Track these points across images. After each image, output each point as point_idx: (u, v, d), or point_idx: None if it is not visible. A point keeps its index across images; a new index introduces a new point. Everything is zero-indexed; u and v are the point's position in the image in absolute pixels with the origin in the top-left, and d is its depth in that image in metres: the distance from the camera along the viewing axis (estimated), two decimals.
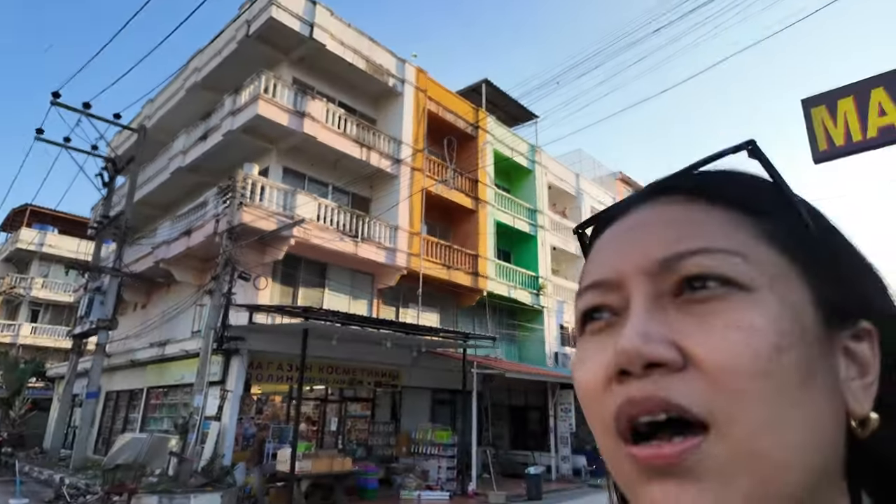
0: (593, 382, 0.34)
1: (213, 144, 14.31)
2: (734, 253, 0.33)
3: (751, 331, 0.31)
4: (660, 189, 0.39)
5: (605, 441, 0.34)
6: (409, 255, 15.07)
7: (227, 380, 11.49)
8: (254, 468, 11.03)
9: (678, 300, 0.33)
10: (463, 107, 18.58)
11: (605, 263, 0.37)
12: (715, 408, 0.30)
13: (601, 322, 0.37)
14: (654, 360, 0.31)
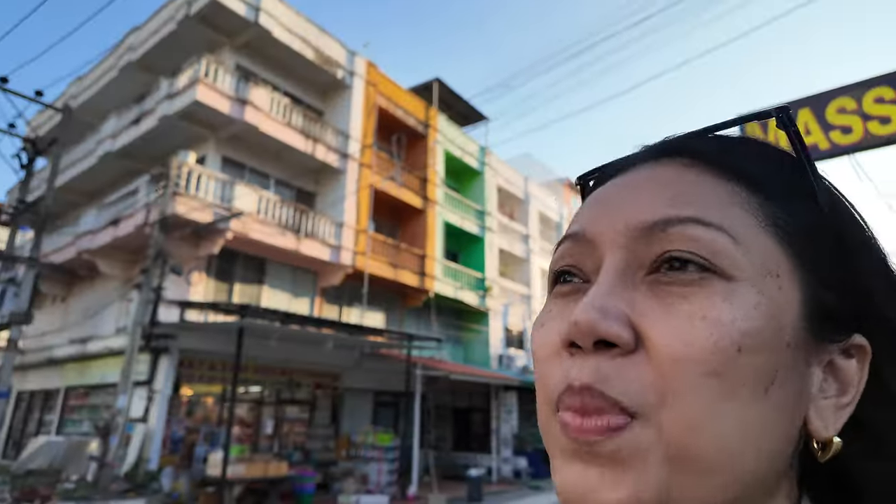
0: (546, 348, 0.32)
1: (147, 129, 13.47)
2: (725, 231, 0.30)
3: (715, 324, 0.28)
4: (666, 149, 0.35)
5: (542, 407, 0.32)
6: (354, 253, 14.70)
7: (154, 380, 10.80)
8: (182, 473, 10.42)
9: (650, 277, 0.31)
10: (414, 104, 18.36)
11: (586, 218, 0.34)
12: (651, 398, 0.28)
13: (570, 286, 0.34)
14: (605, 337, 0.29)
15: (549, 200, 25.34)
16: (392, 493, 12.36)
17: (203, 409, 11.98)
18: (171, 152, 13.10)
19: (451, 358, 18.20)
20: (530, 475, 16.30)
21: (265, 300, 13.19)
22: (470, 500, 12.49)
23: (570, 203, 27.58)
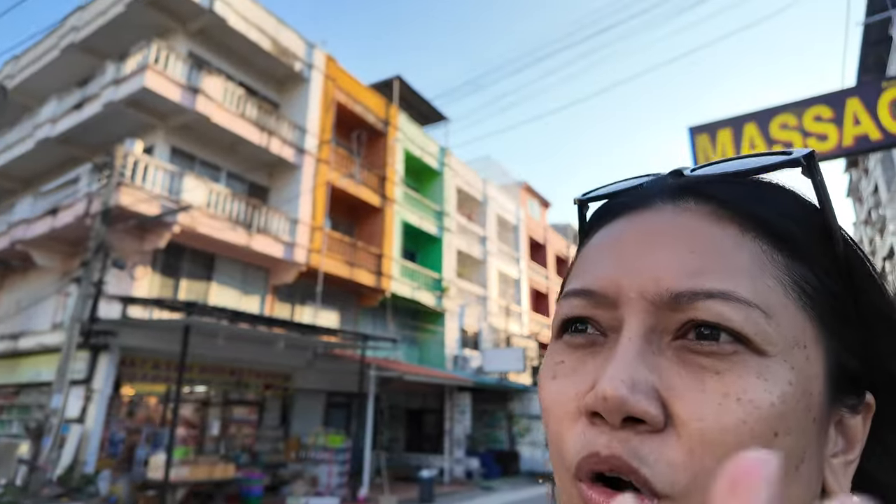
0: (562, 406, 0.30)
1: (91, 115, 12.79)
2: (758, 307, 0.28)
3: (751, 407, 0.26)
4: (689, 190, 0.32)
5: (559, 472, 0.31)
6: (309, 250, 14.41)
7: (93, 378, 10.27)
8: (121, 476, 9.95)
9: (676, 343, 0.29)
10: (374, 100, 18.17)
11: (603, 271, 0.32)
12: (681, 479, 0.26)
13: (583, 337, 0.32)
14: (634, 414, 0.27)
15: (507, 203, 25.60)
16: (342, 494, 12.19)
17: (145, 409, 11.47)
18: (117, 140, 12.49)
19: (406, 358, 18.12)
20: (482, 475, 16.42)
21: (213, 297, 12.76)
22: (421, 501, 12.47)
23: (526, 206, 27.96)
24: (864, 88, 8.29)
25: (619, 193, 0.36)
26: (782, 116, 8.38)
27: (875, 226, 18.15)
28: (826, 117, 8.25)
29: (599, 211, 0.37)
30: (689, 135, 8.68)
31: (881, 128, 7.90)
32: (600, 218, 0.36)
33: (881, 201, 17.08)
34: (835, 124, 8.16)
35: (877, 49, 13.95)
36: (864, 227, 20.09)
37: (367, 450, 13.09)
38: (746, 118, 8.78)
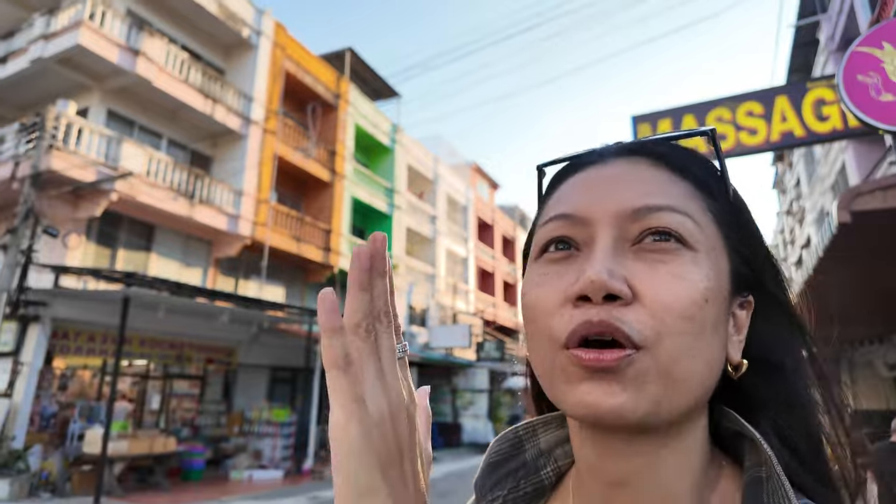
0: (550, 301, 0.39)
1: (16, 71, 11.91)
2: (690, 217, 0.40)
3: (689, 282, 0.38)
4: (637, 148, 0.44)
5: (547, 347, 0.39)
6: (254, 223, 14.11)
7: (21, 351, 9.77)
8: (53, 451, 9.61)
9: (635, 247, 0.39)
10: (324, 72, 17.77)
11: (577, 201, 0.42)
12: (649, 334, 0.36)
13: (562, 252, 0.41)
14: (613, 292, 0.37)
15: (457, 182, 25.78)
16: (287, 468, 12.26)
17: (79, 383, 11.05)
18: (47, 100, 11.73)
19: None
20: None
21: (153, 269, 12.34)
22: None
23: (476, 187, 28.25)
24: (791, 88, 8.91)
25: (578, 156, 0.46)
26: (718, 110, 8.86)
27: (795, 216, 19.57)
28: (757, 113, 8.78)
29: (563, 171, 0.47)
30: (632, 123, 9.08)
31: (804, 125, 8.51)
32: (564, 174, 0.46)
33: (802, 193, 18.42)
34: (764, 120, 8.71)
35: (805, 51, 14.89)
36: (786, 216, 21.62)
37: (313, 424, 13.16)
38: (685, 110, 9.25)
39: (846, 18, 11.27)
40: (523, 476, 0.50)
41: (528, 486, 0.49)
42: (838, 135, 8.42)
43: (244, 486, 10.68)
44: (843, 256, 5.41)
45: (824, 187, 14.92)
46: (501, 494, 0.49)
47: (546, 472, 0.50)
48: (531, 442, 0.51)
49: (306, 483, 11.35)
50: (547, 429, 0.51)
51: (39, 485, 9.08)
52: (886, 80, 4.25)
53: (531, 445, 0.51)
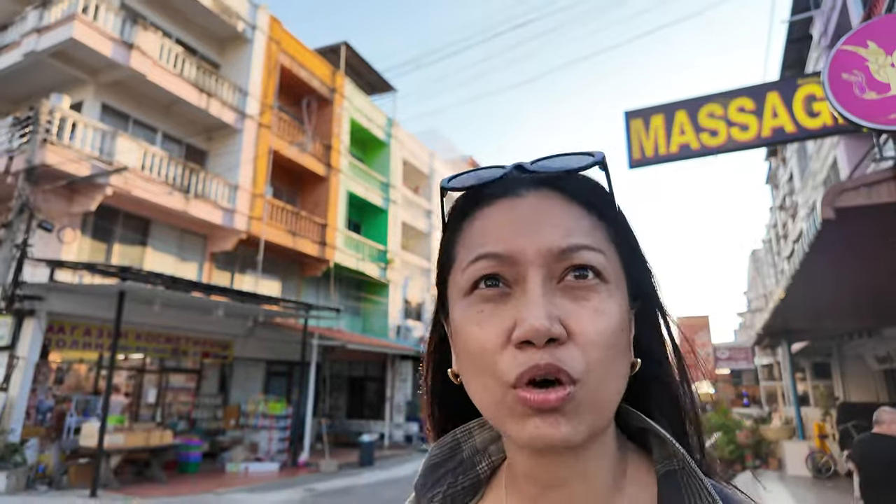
0: (491, 343, 0.42)
1: (9, 65, 11.87)
2: (602, 252, 0.44)
3: (608, 316, 0.42)
4: (547, 182, 0.47)
5: (493, 385, 0.42)
6: (249, 218, 14.13)
7: (17, 345, 9.80)
8: (50, 445, 9.68)
9: (561, 284, 0.43)
10: (320, 66, 17.75)
11: (504, 239, 0.44)
12: (582, 369, 0.41)
13: (494, 290, 0.44)
14: (554, 336, 0.40)
15: None
16: (283, 460, 12.35)
17: (75, 377, 11.11)
18: (41, 94, 11.73)
19: (350, 328, 18.24)
20: (421, 439, 16.96)
21: (149, 263, 12.37)
22: (361, 464, 12.82)
23: None
24: (782, 84, 8.96)
25: (486, 185, 0.48)
26: (710, 106, 8.90)
27: (788, 211, 19.70)
28: (748, 108, 8.82)
29: (475, 196, 0.49)
30: (625, 119, 9.14)
31: (795, 121, 8.57)
32: (478, 201, 0.48)
33: (795, 189, 18.55)
34: (756, 116, 8.75)
35: (798, 46, 14.94)
36: (779, 211, 21.75)
37: (309, 416, 13.25)
38: (678, 105, 9.30)
39: (839, 14, 11.33)
40: (461, 472, 0.54)
41: (466, 482, 0.53)
42: (828, 131, 8.49)
43: (241, 479, 10.78)
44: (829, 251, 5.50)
45: (816, 182, 15.03)
46: (441, 491, 0.53)
47: (482, 466, 0.54)
48: (468, 443, 0.55)
49: (302, 475, 11.45)
50: (482, 430, 0.55)
51: (36, 477, 9.15)
52: (870, 79, 4.32)
53: (467, 446, 0.55)
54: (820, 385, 16.61)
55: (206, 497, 8.99)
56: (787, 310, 9.23)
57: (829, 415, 11.99)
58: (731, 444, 12.00)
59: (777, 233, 22.75)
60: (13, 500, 8.11)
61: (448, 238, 0.51)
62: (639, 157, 9.26)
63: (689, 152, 8.98)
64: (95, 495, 8.55)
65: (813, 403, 15.67)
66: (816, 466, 10.33)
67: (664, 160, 9.17)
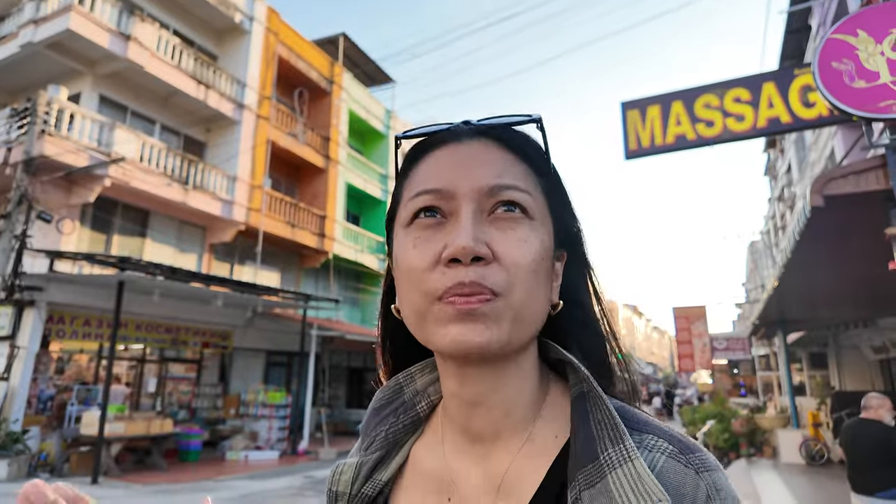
0: (425, 262, 0.47)
1: (7, 56, 11.88)
2: (529, 193, 0.50)
3: (530, 244, 0.48)
4: (485, 131, 0.53)
5: (420, 301, 0.48)
6: (248, 209, 14.18)
7: (17, 335, 9.89)
8: (52, 433, 9.79)
9: (490, 217, 0.49)
10: (318, 58, 17.72)
11: (442, 177, 0.50)
12: (505, 285, 0.46)
13: (431, 219, 0.49)
14: (479, 255, 0.45)
15: None
16: (283, 448, 12.47)
17: (76, 367, 11.21)
18: (38, 85, 11.74)
19: (349, 319, 18.33)
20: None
21: (148, 254, 12.43)
22: None
23: None
24: (779, 74, 8.96)
25: (436, 133, 0.54)
26: (706, 97, 8.90)
27: (786, 202, 19.72)
28: (744, 99, 8.82)
29: (422, 144, 0.55)
30: (622, 109, 9.15)
31: (791, 112, 8.57)
32: (425, 149, 0.54)
33: (793, 180, 18.56)
34: (751, 106, 8.75)
35: (797, 37, 14.90)
36: (777, 203, 21.77)
37: (308, 406, 13.36)
38: (674, 96, 9.29)
39: (836, 4, 11.30)
40: (402, 412, 0.58)
41: (406, 420, 0.58)
42: (824, 121, 8.50)
43: (241, 467, 10.90)
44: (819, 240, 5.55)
45: (814, 173, 15.04)
46: (384, 429, 0.57)
47: (421, 406, 0.58)
48: (409, 386, 0.59)
49: (302, 463, 11.57)
50: (423, 373, 0.60)
51: (38, 465, 9.26)
52: (860, 68, 4.35)
53: (409, 388, 0.59)
54: (816, 375, 16.71)
55: (207, 484, 9.10)
56: (781, 299, 9.29)
57: (824, 404, 12.09)
58: (726, 432, 12.11)
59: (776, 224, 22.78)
60: (15, 488, 8.19)
61: (398, 183, 0.56)
62: (635, 147, 9.27)
63: (686, 143, 8.99)
64: (97, 482, 8.67)
65: (809, 393, 15.78)
66: (810, 454, 10.44)
67: (661, 151, 9.18)
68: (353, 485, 0.55)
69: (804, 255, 6.21)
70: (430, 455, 0.56)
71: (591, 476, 0.44)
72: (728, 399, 18.40)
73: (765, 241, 25.06)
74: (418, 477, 0.55)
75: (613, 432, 0.45)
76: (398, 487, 0.56)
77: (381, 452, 0.56)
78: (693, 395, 33.43)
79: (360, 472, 0.55)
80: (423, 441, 0.58)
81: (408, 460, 0.57)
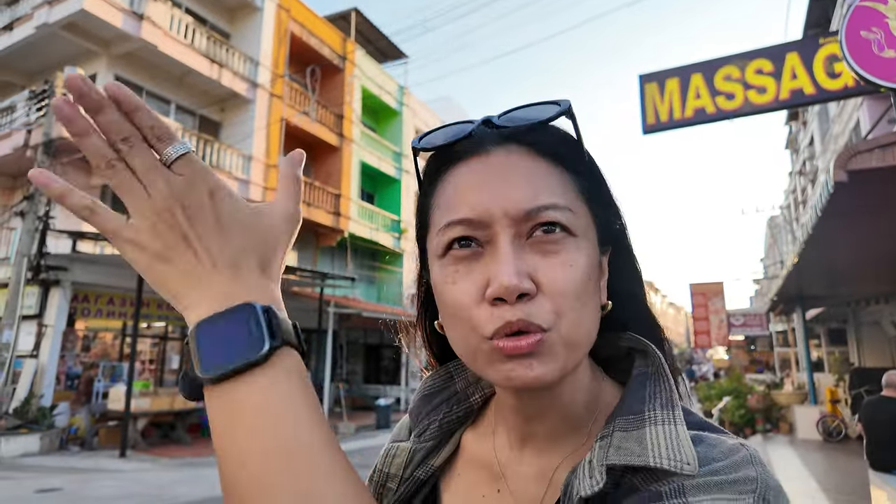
0: (468, 299, 0.45)
1: (22, 38, 11.95)
2: (570, 209, 0.46)
3: (576, 268, 0.44)
4: (512, 137, 0.48)
5: (470, 336, 0.45)
6: (264, 189, 14.26)
7: (44, 314, 10.18)
8: (80, 408, 10.13)
9: (529, 241, 0.45)
10: (330, 34, 17.54)
11: (474, 203, 0.46)
12: (552, 318, 0.43)
13: (468, 250, 0.46)
14: (524, 292, 0.42)
15: None
16: None
17: (101, 344, 11.52)
18: (55, 67, 11.82)
19: (365, 297, 18.50)
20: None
21: None
22: (378, 426, 13.20)
23: None
24: (803, 43, 8.66)
25: (454, 143, 0.49)
26: (726, 68, 8.66)
27: (808, 176, 19.31)
28: (766, 70, 8.56)
29: (444, 156, 0.50)
30: (639, 82, 8.95)
31: (815, 83, 8.30)
32: (446, 162, 0.50)
33: (815, 153, 18.13)
34: (774, 78, 8.49)
35: (822, 4, 14.40)
36: (798, 177, 21.32)
37: (327, 382, 13.60)
38: (694, 68, 9.05)
39: None
40: (455, 403, 0.58)
41: (460, 411, 0.57)
42: (849, 92, 8.24)
43: None
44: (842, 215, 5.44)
45: (838, 146, 14.66)
46: (437, 418, 0.57)
47: (475, 398, 0.58)
48: (460, 375, 0.59)
49: None
50: None
51: (69, 439, 9.61)
52: (890, 36, 4.20)
53: (460, 378, 0.59)
54: (835, 351, 16.56)
55: None
56: (800, 275, 9.17)
57: (842, 380, 12.01)
58: (742, 408, 12.10)
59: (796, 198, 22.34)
60: (49, 460, 8.55)
61: (422, 199, 0.52)
62: (653, 122, 9.10)
63: (705, 116, 8.79)
64: (125, 455, 8.98)
65: (827, 370, 15.67)
66: (827, 430, 10.41)
67: (679, 125, 9.00)
68: (406, 469, 0.56)
69: (826, 231, 6.10)
70: (481, 446, 0.56)
71: (630, 423, 0.45)
72: (744, 375, 18.34)
73: (785, 215, 24.63)
74: (469, 465, 0.56)
75: (667, 399, 0.46)
76: (448, 473, 0.57)
77: (435, 441, 0.57)
78: (709, 371, 33.38)
79: (413, 457, 0.56)
80: (475, 431, 0.58)
81: (458, 448, 0.58)
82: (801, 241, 6.86)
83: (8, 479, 7.22)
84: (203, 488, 7.07)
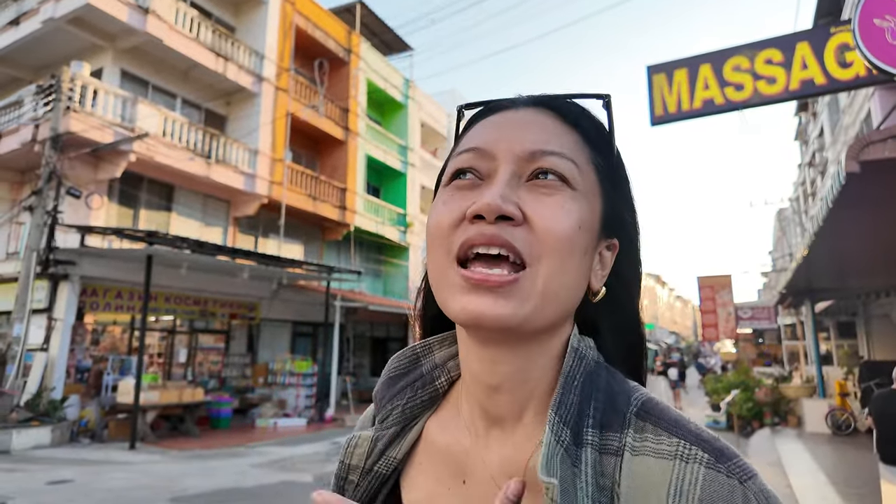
0: (450, 219, 0.46)
1: (28, 33, 11.98)
2: (575, 163, 0.47)
3: (567, 211, 0.45)
4: (542, 101, 0.52)
5: (441, 261, 0.46)
6: (270, 182, 14.27)
7: (54, 308, 10.26)
8: (90, 401, 10.22)
9: (528, 183, 0.46)
10: (335, 27, 17.48)
11: (487, 137, 0.48)
12: (534, 253, 0.43)
13: (468, 180, 0.47)
14: (506, 213, 0.43)
15: None
16: (310, 416, 12.82)
17: (110, 337, 11.60)
18: (61, 62, 11.83)
19: (371, 290, 18.54)
20: None
21: (174, 228, 12.65)
22: None
23: None
24: (814, 33, 8.54)
25: (496, 102, 0.53)
26: (736, 59, 8.56)
27: (817, 168, 19.10)
28: (776, 60, 8.46)
29: (481, 112, 0.54)
30: (647, 73, 8.87)
31: (826, 73, 8.19)
32: (482, 115, 0.53)
33: (825, 144, 17.92)
34: (784, 68, 8.39)
35: None
36: (807, 168, 21.09)
37: (334, 375, 13.66)
38: (702, 59, 8.95)
39: None
40: (420, 386, 0.55)
41: (425, 395, 0.55)
42: (861, 82, 8.12)
43: (270, 433, 11.26)
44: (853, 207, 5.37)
45: (848, 137, 14.48)
46: (401, 403, 0.54)
47: (440, 381, 0.55)
48: (427, 357, 0.57)
49: (328, 430, 11.90)
50: (442, 346, 0.57)
51: (79, 432, 9.70)
52: None
53: (427, 360, 0.57)
54: (844, 344, 16.44)
55: (239, 449, 9.44)
56: (810, 268, 9.08)
57: (851, 373, 11.92)
58: (750, 401, 12.05)
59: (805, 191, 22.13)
60: (60, 452, 8.64)
61: (452, 149, 0.54)
62: (661, 113, 9.02)
63: (714, 108, 8.70)
64: (134, 448, 9.06)
65: (836, 363, 15.56)
66: (836, 423, 10.35)
67: (687, 116, 8.91)
68: (367, 459, 0.54)
69: (837, 223, 6.03)
70: (446, 433, 0.53)
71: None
72: (752, 368, 18.26)
73: (794, 208, 24.41)
74: (432, 456, 0.53)
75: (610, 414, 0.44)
76: (411, 465, 0.54)
77: (397, 428, 0.54)
78: (717, 364, 33.28)
79: (374, 446, 0.54)
80: (439, 417, 0.55)
81: (422, 437, 0.55)
82: (811, 233, 6.79)
83: (20, 472, 7.31)
84: (212, 480, 7.13)
